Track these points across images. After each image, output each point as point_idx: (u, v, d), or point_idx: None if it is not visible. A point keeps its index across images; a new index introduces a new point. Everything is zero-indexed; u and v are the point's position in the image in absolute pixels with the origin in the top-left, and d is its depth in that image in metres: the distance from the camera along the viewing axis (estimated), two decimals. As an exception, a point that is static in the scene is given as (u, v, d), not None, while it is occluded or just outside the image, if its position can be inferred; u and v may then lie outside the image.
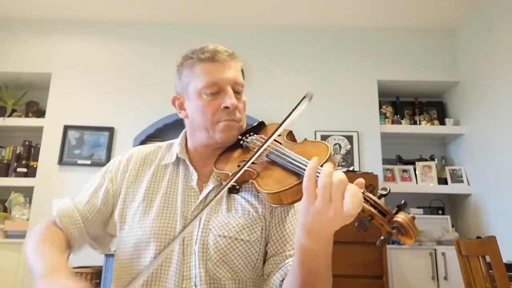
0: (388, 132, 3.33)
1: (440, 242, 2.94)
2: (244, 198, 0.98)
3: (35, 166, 3.22)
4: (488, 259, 1.82)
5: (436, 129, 3.38)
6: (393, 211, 0.66)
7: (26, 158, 3.31)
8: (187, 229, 0.88)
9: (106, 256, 2.60)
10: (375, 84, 3.40)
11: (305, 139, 0.93)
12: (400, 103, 3.57)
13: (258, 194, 0.96)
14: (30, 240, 0.92)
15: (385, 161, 3.34)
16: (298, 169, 0.77)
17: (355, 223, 0.66)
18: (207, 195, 0.98)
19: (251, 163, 0.86)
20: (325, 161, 0.76)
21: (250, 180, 0.86)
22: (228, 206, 0.97)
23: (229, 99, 0.96)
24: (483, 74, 3.08)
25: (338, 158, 3.22)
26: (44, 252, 0.87)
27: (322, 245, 0.74)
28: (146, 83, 3.39)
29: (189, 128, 1.06)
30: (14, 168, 3.26)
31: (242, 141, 1.00)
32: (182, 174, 1.03)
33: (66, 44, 3.50)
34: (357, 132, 3.27)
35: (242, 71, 1.04)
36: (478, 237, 2.74)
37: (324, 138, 3.24)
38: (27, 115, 3.41)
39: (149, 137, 3.24)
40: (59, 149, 3.21)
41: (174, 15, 3.46)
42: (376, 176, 2.78)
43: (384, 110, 3.48)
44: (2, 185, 3.21)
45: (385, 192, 0.68)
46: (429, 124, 3.42)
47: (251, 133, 1.02)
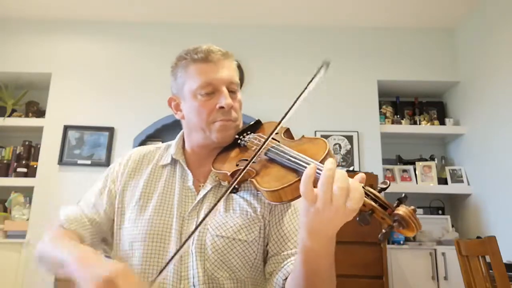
0: (388, 132, 3.33)
1: (440, 242, 2.94)
2: (243, 198, 0.97)
3: (35, 166, 3.22)
4: (488, 259, 1.82)
5: (436, 129, 3.37)
6: (394, 204, 0.66)
7: (26, 158, 3.31)
8: (197, 231, 0.89)
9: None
10: (375, 84, 3.39)
11: (303, 136, 0.93)
12: (400, 103, 3.57)
13: (258, 193, 0.95)
14: (45, 243, 0.93)
15: (385, 161, 3.34)
16: (297, 166, 0.77)
17: (356, 218, 0.66)
18: (204, 195, 0.98)
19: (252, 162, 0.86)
20: (324, 157, 0.76)
21: (249, 179, 0.86)
22: (226, 206, 0.96)
23: (224, 99, 0.96)
24: (483, 74, 3.07)
25: (338, 158, 3.21)
26: (65, 245, 0.88)
27: (324, 246, 0.73)
28: (146, 83, 3.39)
29: (186, 128, 1.07)
30: (14, 168, 3.26)
31: (239, 140, 1.00)
32: (179, 175, 1.04)
33: (66, 44, 3.50)
34: (357, 132, 3.27)
35: (241, 69, 1.04)
36: (478, 237, 2.74)
37: (324, 138, 3.21)
38: (27, 115, 3.40)
39: (149, 137, 3.24)
40: (59, 149, 3.21)
41: (174, 15, 3.46)
42: (376, 176, 2.77)
43: (384, 110, 3.48)
44: (2, 185, 3.20)
45: (385, 186, 0.68)
46: (429, 124, 3.41)
47: (248, 132, 1.02)
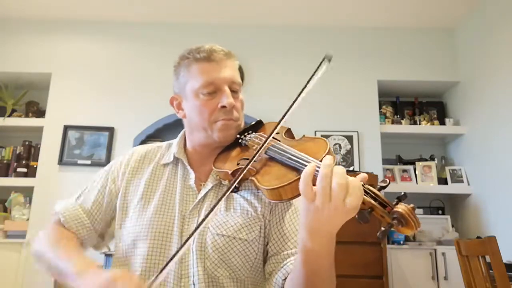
0: (388, 132, 3.33)
1: (440, 242, 2.94)
2: (243, 197, 0.97)
3: (35, 166, 3.22)
4: (488, 259, 1.82)
5: (436, 129, 3.38)
6: (393, 202, 0.66)
7: (26, 158, 3.31)
8: (199, 228, 0.89)
9: (106, 256, 2.60)
10: (375, 84, 3.40)
11: (304, 135, 0.93)
12: (400, 103, 3.57)
13: (258, 191, 0.96)
14: (43, 243, 0.94)
15: (385, 161, 3.34)
16: (298, 164, 0.77)
17: (356, 216, 0.66)
18: (205, 194, 0.98)
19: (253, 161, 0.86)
20: (324, 156, 0.76)
21: (249, 177, 0.86)
22: (227, 205, 0.97)
23: (226, 99, 0.96)
24: (483, 74, 3.08)
25: (338, 158, 3.21)
26: (65, 253, 0.89)
27: (324, 246, 0.73)
28: (146, 83, 3.39)
29: (188, 128, 1.06)
30: (14, 168, 3.26)
31: (240, 139, 1.00)
32: (181, 174, 1.04)
33: (66, 44, 3.50)
34: (357, 132, 3.27)
35: (241, 70, 1.04)
36: (478, 237, 2.74)
37: (324, 138, 3.23)
38: (27, 115, 3.41)
39: (149, 137, 3.24)
40: (59, 149, 3.21)
41: (174, 15, 3.46)
42: (376, 176, 2.77)
43: (384, 110, 3.48)
44: (2, 185, 3.21)
45: (384, 184, 0.68)
46: (429, 124, 3.41)
47: (250, 132, 1.02)
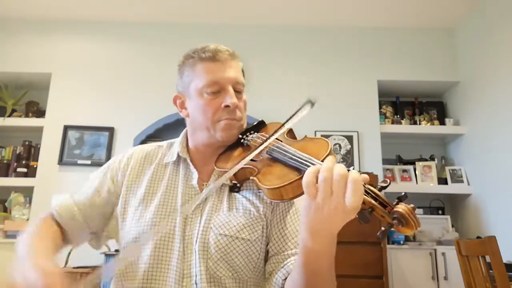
0: (388, 132, 3.33)
1: (440, 242, 2.94)
2: (245, 197, 0.98)
3: (35, 166, 3.22)
4: (488, 259, 1.82)
5: (436, 129, 3.38)
6: (394, 202, 0.66)
7: (26, 158, 3.31)
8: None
9: (106, 256, 2.60)
10: (375, 84, 3.40)
11: (305, 136, 0.94)
12: (400, 103, 3.57)
13: (259, 191, 0.96)
14: (24, 234, 0.94)
15: (385, 161, 3.34)
16: (299, 164, 0.77)
17: (357, 216, 0.66)
18: (207, 194, 0.99)
19: (251, 160, 0.86)
20: (326, 156, 0.77)
21: (251, 177, 0.87)
22: (229, 205, 0.97)
23: (230, 98, 0.96)
24: (483, 74, 3.08)
25: (338, 158, 3.21)
26: (33, 244, 0.89)
27: (325, 246, 0.73)
28: (146, 83, 3.39)
29: (190, 127, 1.07)
30: (14, 168, 3.26)
31: (243, 139, 1.01)
32: (183, 173, 1.04)
33: (66, 44, 3.50)
34: (357, 132, 3.27)
35: (243, 71, 1.04)
36: (478, 237, 2.74)
37: (324, 138, 3.24)
38: (27, 115, 3.40)
39: (149, 137, 3.24)
40: (59, 149, 3.21)
41: (174, 15, 3.46)
42: (376, 176, 2.78)
43: (384, 110, 3.48)
44: (2, 185, 3.20)
45: (385, 184, 0.68)
46: (429, 124, 3.41)
47: (252, 132, 1.02)
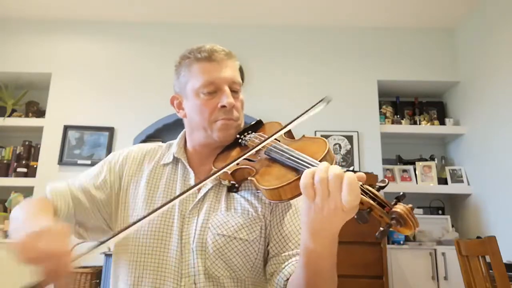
0: (388, 132, 3.33)
1: (440, 242, 2.94)
2: (244, 197, 0.98)
3: (35, 166, 3.22)
4: (488, 259, 1.81)
5: (436, 129, 3.37)
6: (392, 202, 0.66)
7: (26, 158, 3.31)
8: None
9: (106, 256, 2.60)
10: (375, 84, 3.40)
11: (303, 135, 0.93)
12: (400, 103, 3.57)
13: (258, 192, 0.96)
14: (18, 206, 0.94)
15: (385, 161, 3.34)
16: (297, 164, 0.77)
17: (355, 216, 0.66)
18: (205, 194, 0.99)
19: (249, 160, 0.86)
20: (324, 156, 0.76)
21: (249, 178, 0.86)
22: (228, 205, 0.97)
23: (226, 98, 0.96)
24: (483, 74, 3.07)
25: (338, 158, 3.21)
26: (30, 211, 0.88)
27: (326, 247, 0.74)
28: (146, 83, 3.39)
29: (188, 127, 1.07)
30: (14, 168, 3.26)
31: (240, 139, 1.01)
32: (180, 174, 1.04)
33: (66, 44, 3.50)
34: (357, 132, 3.27)
35: (242, 70, 1.05)
36: (478, 237, 2.74)
37: (324, 138, 3.22)
38: (27, 115, 3.40)
39: (149, 137, 3.24)
40: (59, 149, 3.21)
41: (174, 15, 3.46)
42: (376, 176, 2.78)
43: (384, 110, 3.48)
44: (2, 185, 3.20)
45: (383, 184, 0.68)
46: (429, 124, 3.41)
47: (249, 132, 1.02)
